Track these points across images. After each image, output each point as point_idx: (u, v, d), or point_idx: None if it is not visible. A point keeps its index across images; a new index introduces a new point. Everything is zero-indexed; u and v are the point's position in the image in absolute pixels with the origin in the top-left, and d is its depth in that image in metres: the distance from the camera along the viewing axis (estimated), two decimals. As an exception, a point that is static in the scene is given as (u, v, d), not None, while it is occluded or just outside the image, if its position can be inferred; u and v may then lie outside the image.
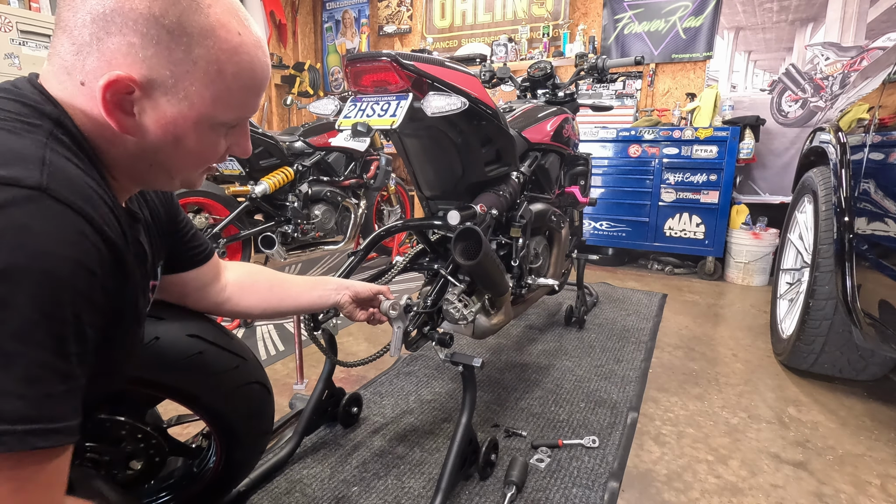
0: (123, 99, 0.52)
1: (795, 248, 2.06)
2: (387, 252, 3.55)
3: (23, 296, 0.41)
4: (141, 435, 0.91)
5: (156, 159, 0.58)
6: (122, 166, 0.58)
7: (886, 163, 1.30)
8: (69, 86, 0.53)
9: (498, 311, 1.44)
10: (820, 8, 3.12)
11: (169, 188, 0.65)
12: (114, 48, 0.51)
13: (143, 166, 0.59)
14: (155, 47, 0.51)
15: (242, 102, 0.59)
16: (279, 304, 0.98)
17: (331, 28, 5.07)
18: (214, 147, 0.61)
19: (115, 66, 0.51)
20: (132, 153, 0.57)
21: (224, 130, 0.61)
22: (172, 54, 0.52)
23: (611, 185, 3.47)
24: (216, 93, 0.56)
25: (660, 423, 1.52)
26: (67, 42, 0.51)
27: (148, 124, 0.55)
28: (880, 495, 1.22)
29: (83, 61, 0.51)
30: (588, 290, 2.61)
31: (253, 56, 0.57)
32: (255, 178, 2.61)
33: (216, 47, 0.54)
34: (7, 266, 0.41)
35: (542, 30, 3.99)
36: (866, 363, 1.62)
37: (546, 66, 2.00)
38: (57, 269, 0.43)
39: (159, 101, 0.54)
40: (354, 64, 1.12)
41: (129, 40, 0.50)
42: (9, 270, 0.41)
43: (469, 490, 1.19)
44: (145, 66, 0.52)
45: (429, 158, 1.38)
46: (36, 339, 0.42)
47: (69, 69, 0.52)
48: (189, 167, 0.62)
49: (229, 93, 0.57)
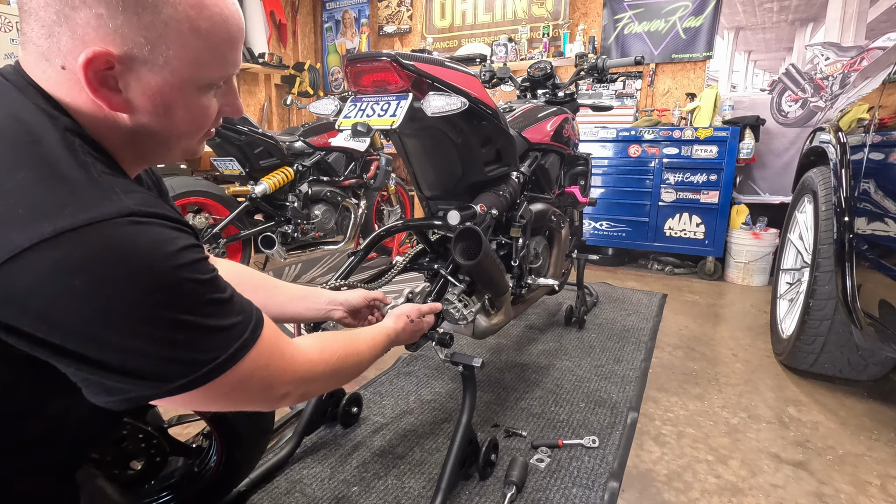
0: (106, 75, 0.51)
1: (795, 248, 2.06)
2: (387, 252, 3.55)
3: (154, 295, 0.49)
4: (142, 434, 0.91)
5: (151, 133, 0.57)
6: (122, 148, 0.57)
7: (886, 163, 1.30)
8: (51, 73, 0.52)
9: (498, 311, 1.44)
10: (820, 8, 3.12)
11: (171, 160, 0.65)
12: (83, 23, 0.49)
13: (141, 143, 0.58)
14: (123, 14, 0.50)
15: (222, 58, 0.58)
16: (261, 308, 0.98)
17: (331, 28, 5.07)
18: (206, 110, 0.60)
19: (89, 41, 0.50)
20: (128, 131, 0.56)
21: (212, 91, 0.60)
22: (142, 19, 0.51)
23: (611, 185, 3.47)
24: (195, 52, 0.55)
25: (660, 423, 1.52)
26: (37, 26, 0.50)
27: (136, 98, 0.54)
28: (880, 495, 1.22)
29: (57, 43, 0.50)
30: (588, 290, 2.61)
31: (222, 7, 0.56)
32: (255, 178, 2.61)
33: (184, 4, 0.52)
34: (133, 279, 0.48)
35: (542, 30, 3.99)
36: (866, 363, 1.62)
37: (546, 66, 2.00)
38: (166, 267, 0.50)
39: (141, 72, 0.53)
40: (354, 64, 1.12)
41: (96, 11, 0.49)
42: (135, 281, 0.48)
43: (469, 490, 1.19)
44: (118, 36, 0.50)
45: (429, 158, 1.38)
46: (198, 313, 0.52)
47: (46, 54, 0.51)
48: (185, 135, 0.61)
49: (208, 50, 0.56)
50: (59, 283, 0.44)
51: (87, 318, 0.46)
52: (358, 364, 0.79)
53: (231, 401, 0.59)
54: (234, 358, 0.54)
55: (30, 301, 0.44)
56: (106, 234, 0.46)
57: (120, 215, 0.47)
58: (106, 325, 0.46)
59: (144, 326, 0.48)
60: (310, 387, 0.69)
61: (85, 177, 0.48)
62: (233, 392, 0.57)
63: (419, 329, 1.05)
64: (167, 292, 0.48)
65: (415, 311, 1.03)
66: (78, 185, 0.47)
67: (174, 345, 0.50)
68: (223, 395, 0.56)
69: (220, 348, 0.53)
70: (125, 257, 0.46)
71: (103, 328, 0.46)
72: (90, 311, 0.45)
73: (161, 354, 0.49)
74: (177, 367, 0.50)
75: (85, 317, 0.45)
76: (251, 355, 0.57)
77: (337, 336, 0.78)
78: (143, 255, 0.47)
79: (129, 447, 0.91)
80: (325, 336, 0.76)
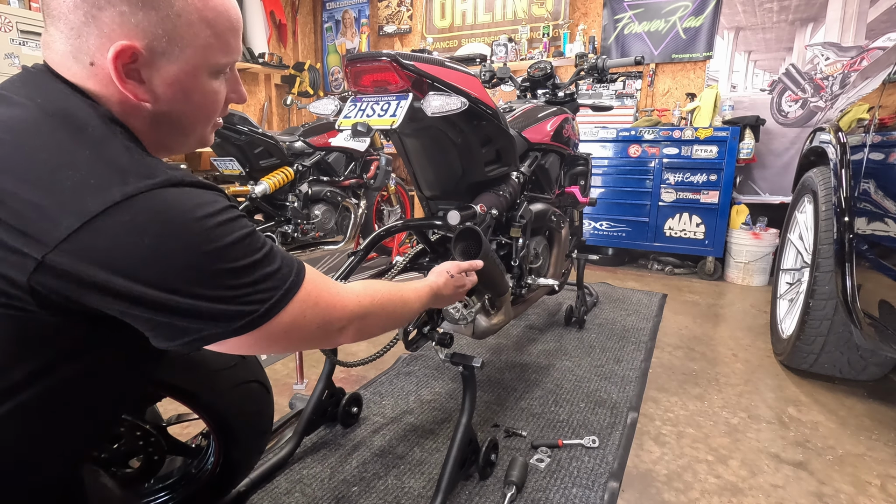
0: (131, 68, 0.57)
1: (795, 248, 2.06)
2: (387, 252, 3.54)
3: (237, 234, 0.57)
4: (140, 433, 0.91)
5: (170, 120, 0.63)
6: (146, 136, 0.62)
7: (886, 163, 1.30)
8: (78, 70, 0.57)
9: (498, 311, 1.44)
10: (820, 8, 3.12)
11: (185, 149, 0.71)
12: (109, 21, 0.55)
13: (161, 131, 0.64)
14: (142, 10, 0.56)
15: (227, 44, 0.64)
16: None
17: (331, 28, 5.07)
18: (216, 95, 0.66)
19: (115, 38, 0.55)
20: (150, 120, 0.62)
21: (221, 78, 0.66)
22: (159, 13, 0.57)
23: (611, 185, 3.47)
24: (204, 41, 0.61)
25: (660, 423, 1.52)
26: (65, 28, 0.55)
27: (157, 87, 0.60)
28: (880, 495, 1.22)
29: (85, 42, 0.56)
30: (588, 290, 2.61)
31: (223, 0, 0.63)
32: (255, 178, 2.61)
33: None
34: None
35: (542, 30, 3.99)
36: (866, 363, 1.62)
37: (546, 66, 2.00)
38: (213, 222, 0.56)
39: (161, 63, 0.59)
40: (354, 64, 1.12)
41: (120, 10, 0.55)
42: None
43: (469, 490, 1.19)
44: (140, 30, 0.56)
45: (429, 158, 1.38)
46: (256, 245, 0.59)
47: (74, 54, 0.56)
48: (199, 121, 0.67)
49: (215, 37, 0.62)
50: (131, 240, 0.50)
51: (156, 269, 0.52)
52: (404, 308, 0.84)
53: (291, 340, 0.64)
54: (285, 297, 0.60)
55: (109, 257, 0.50)
56: (161, 198, 0.52)
57: (171, 183, 0.54)
58: (173, 274, 0.53)
59: (201, 274, 0.54)
60: (364, 322, 0.73)
61: (132, 156, 0.55)
62: (292, 330, 0.62)
63: (461, 286, 1.05)
64: (215, 243, 0.55)
65: (454, 267, 1.04)
66: (131, 162, 0.54)
67: (231, 288, 0.56)
68: (283, 335, 0.62)
69: (272, 289, 0.59)
70: (179, 216, 0.53)
71: (171, 277, 0.53)
72: (158, 263, 0.52)
73: (221, 296, 0.55)
74: (236, 309, 0.56)
75: (155, 267, 0.52)
76: (300, 295, 0.62)
77: (381, 282, 0.83)
78: (190, 213, 0.54)
79: (128, 445, 0.91)
80: (369, 281, 0.81)
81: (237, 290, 0.56)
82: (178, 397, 0.87)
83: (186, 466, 1.03)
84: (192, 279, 0.54)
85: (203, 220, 0.54)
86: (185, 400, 0.88)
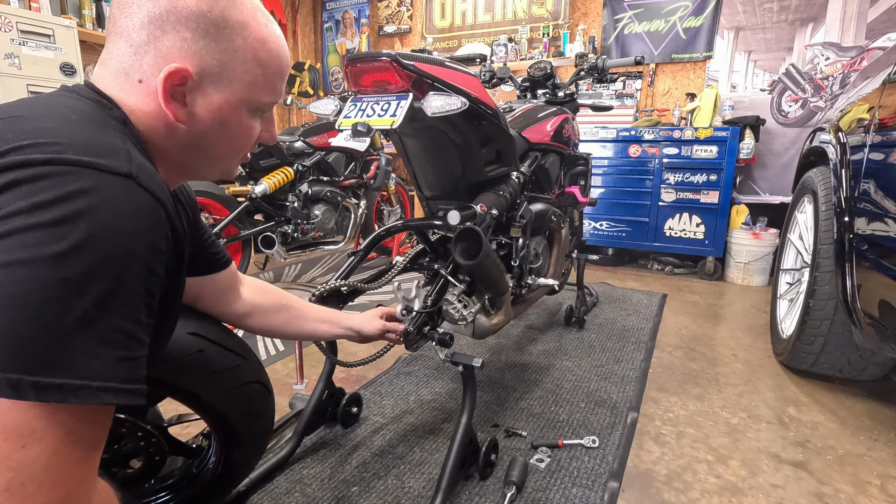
0: (177, 90, 0.59)
1: (795, 248, 2.06)
2: (387, 252, 3.55)
3: (107, 268, 0.45)
4: (141, 433, 0.91)
5: (203, 146, 0.64)
6: (172, 158, 0.64)
7: (886, 163, 1.30)
8: (126, 86, 0.59)
9: (498, 311, 1.44)
10: (820, 8, 3.12)
11: (210, 177, 0.71)
12: (169, 44, 0.57)
13: (191, 155, 0.65)
14: (204, 39, 0.58)
15: (273, 86, 0.66)
16: (281, 324, 1.02)
17: (331, 28, 5.07)
18: (251, 131, 0.68)
19: (171, 60, 0.57)
20: (183, 143, 0.63)
21: (259, 116, 0.68)
22: (218, 45, 0.59)
23: (611, 185, 3.47)
24: (254, 78, 0.63)
25: (660, 423, 1.52)
26: (125, 45, 0.57)
27: (199, 112, 0.61)
28: (880, 495, 1.22)
29: (140, 60, 0.58)
30: (588, 290, 2.61)
31: (279, 44, 0.65)
32: (255, 178, 2.61)
33: (251, 37, 0.61)
34: (97, 239, 0.45)
35: (542, 30, 3.99)
36: (866, 363, 1.62)
37: (546, 66, 2.00)
38: (138, 248, 0.48)
39: (208, 90, 0.61)
40: (354, 64, 1.12)
41: (183, 35, 0.57)
42: (98, 244, 0.45)
43: (469, 490, 1.19)
44: (197, 57, 0.58)
45: (429, 158, 1.38)
46: (115, 307, 0.46)
47: (127, 70, 0.58)
48: (230, 153, 0.68)
49: (264, 77, 0.64)
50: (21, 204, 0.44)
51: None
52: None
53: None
54: (79, 394, 0.43)
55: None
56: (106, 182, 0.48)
57: (125, 174, 0.49)
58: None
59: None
60: None
61: (118, 142, 0.53)
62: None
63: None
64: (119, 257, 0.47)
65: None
66: (111, 142, 0.52)
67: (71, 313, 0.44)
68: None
69: (80, 367, 0.43)
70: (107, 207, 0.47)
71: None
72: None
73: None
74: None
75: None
76: (77, 415, 0.45)
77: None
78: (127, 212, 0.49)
79: (128, 445, 0.91)
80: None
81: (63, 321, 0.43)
82: (179, 398, 0.87)
83: (187, 467, 1.03)
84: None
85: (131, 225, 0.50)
86: (186, 400, 0.88)
